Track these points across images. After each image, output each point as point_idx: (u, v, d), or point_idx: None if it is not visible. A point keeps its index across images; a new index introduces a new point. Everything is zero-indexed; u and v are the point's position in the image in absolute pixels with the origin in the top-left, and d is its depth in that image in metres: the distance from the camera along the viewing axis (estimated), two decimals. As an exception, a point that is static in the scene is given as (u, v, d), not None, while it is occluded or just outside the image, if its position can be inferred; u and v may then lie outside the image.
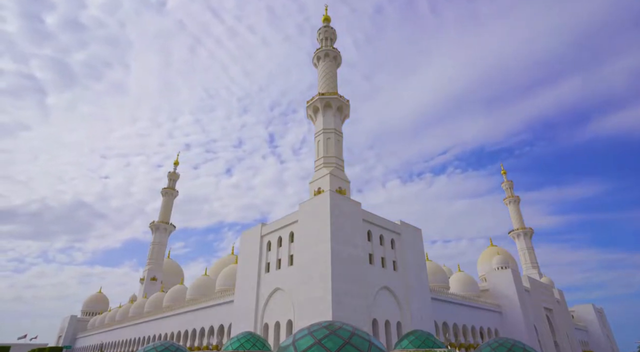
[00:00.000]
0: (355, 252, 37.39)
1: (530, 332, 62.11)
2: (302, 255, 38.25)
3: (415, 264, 46.04)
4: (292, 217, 42.02)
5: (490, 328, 61.14)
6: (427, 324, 43.24)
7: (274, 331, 39.08)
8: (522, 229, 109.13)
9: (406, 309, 41.25)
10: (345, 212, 38.24)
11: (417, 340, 24.31)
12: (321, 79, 57.65)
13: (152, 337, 66.26)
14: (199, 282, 64.26)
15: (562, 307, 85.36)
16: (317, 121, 53.12)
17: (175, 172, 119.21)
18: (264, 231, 45.98)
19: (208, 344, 52.00)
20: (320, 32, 62.49)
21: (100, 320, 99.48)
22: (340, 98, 53.71)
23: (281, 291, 40.00)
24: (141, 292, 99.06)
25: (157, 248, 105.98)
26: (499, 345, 14.87)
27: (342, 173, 49.26)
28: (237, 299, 46.41)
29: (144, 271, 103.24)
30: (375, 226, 42.58)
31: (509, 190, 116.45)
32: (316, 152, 51.41)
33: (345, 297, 33.94)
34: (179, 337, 58.06)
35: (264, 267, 44.01)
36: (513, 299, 64.38)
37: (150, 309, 73.43)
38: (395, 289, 41.11)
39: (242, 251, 49.42)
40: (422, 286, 45.71)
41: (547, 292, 79.69)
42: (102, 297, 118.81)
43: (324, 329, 8.61)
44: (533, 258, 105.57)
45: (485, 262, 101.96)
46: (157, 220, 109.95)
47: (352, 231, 38.09)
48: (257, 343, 25.47)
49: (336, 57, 60.25)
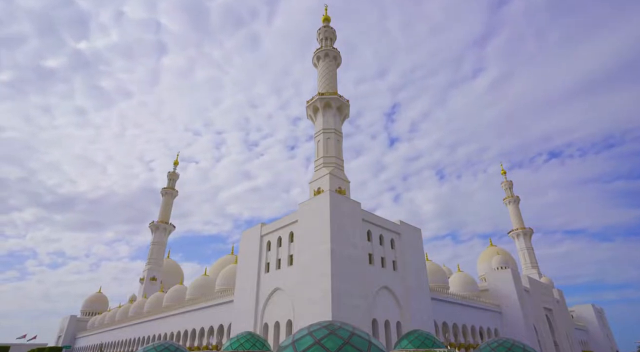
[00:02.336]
0: (355, 252, 37.41)
1: (530, 332, 62.15)
2: (302, 255, 38.26)
3: (415, 264, 46.06)
4: (292, 217, 42.03)
5: (490, 328, 61.16)
6: (426, 324, 43.26)
7: (274, 331, 39.09)
8: (522, 229, 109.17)
9: (406, 309, 41.26)
10: (345, 212, 38.25)
11: (416, 340, 24.29)
12: (321, 79, 57.64)
13: (152, 337, 66.26)
14: (199, 282, 64.29)
15: (561, 307, 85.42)
16: (317, 121, 53.13)
17: (175, 172, 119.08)
18: (263, 230, 45.99)
19: (208, 344, 52.01)
20: (320, 32, 62.49)
21: (100, 320, 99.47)
22: (340, 98, 53.73)
23: (281, 290, 40.01)
24: (141, 292, 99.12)
25: (157, 248, 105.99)
26: (499, 345, 14.87)
27: (342, 173, 49.27)
28: (236, 299, 46.42)
29: (143, 270, 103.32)
30: (375, 225, 42.60)
31: (508, 190, 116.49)
32: (316, 152, 51.43)
33: (345, 297, 33.95)
34: (179, 337, 58.05)
35: (263, 267, 44.02)
36: (513, 299, 64.40)
37: (150, 309, 73.44)
38: (395, 289, 41.12)
39: (242, 250, 49.43)
40: (422, 286, 45.73)
41: (546, 292, 79.73)
42: (101, 297, 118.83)
43: (324, 329, 8.61)
44: (533, 258, 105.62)
45: (485, 262, 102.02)
46: (157, 220, 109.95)
47: (351, 231, 38.10)
48: (256, 343, 25.46)
49: (336, 57, 60.26)
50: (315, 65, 60.84)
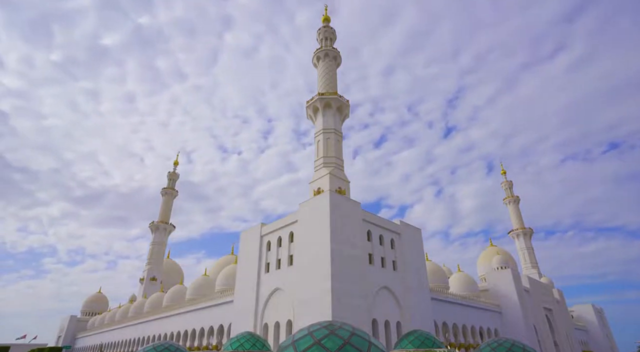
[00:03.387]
0: (355, 252, 37.41)
1: (530, 332, 62.15)
2: (302, 255, 38.27)
3: (415, 264, 46.07)
4: (292, 217, 42.04)
5: (490, 328, 61.16)
6: (426, 324, 43.27)
7: (274, 331, 39.08)
8: (522, 229, 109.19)
9: (406, 309, 41.26)
10: (345, 212, 38.26)
11: (416, 340, 24.29)
12: (321, 79, 57.63)
13: (152, 338, 66.26)
14: (199, 282, 64.28)
15: (561, 307, 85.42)
16: (317, 121, 53.14)
17: (175, 172, 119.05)
18: (263, 230, 46.00)
19: (208, 344, 52.00)
20: (320, 32, 62.48)
21: (100, 320, 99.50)
22: (340, 98, 53.74)
23: (281, 291, 40.01)
24: (141, 292, 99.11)
25: (157, 248, 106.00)
26: (499, 345, 14.88)
27: (342, 173, 49.28)
28: (236, 299, 46.42)
29: (143, 271, 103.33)
30: (375, 225, 42.61)
31: (508, 190, 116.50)
32: (316, 152, 51.43)
33: (345, 297, 33.95)
34: (179, 337, 58.05)
35: (263, 267, 44.02)
36: (513, 299, 64.42)
37: (150, 309, 73.43)
38: (395, 289, 41.13)
39: (241, 251, 49.43)
40: (422, 286, 45.74)
41: (546, 292, 79.73)
42: (101, 297, 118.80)
43: (324, 329, 8.62)
44: (533, 258, 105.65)
45: (485, 262, 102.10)
46: (157, 220, 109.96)
47: (351, 231, 38.10)
48: (256, 343, 25.45)
49: (336, 57, 60.26)
50: (315, 66, 60.83)
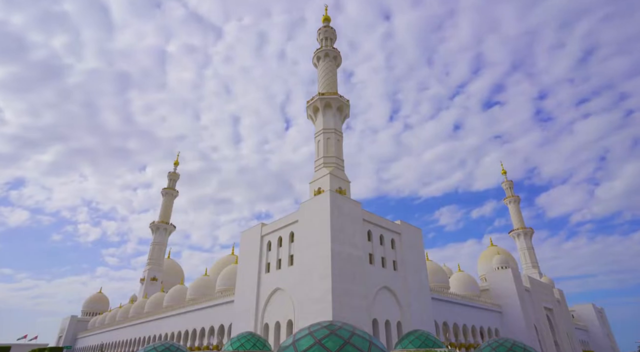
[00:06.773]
0: (356, 252, 37.41)
1: (531, 332, 62.12)
2: (302, 255, 38.26)
3: (415, 264, 46.06)
4: (292, 217, 42.03)
5: (491, 328, 61.14)
6: (427, 324, 43.26)
7: (274, 331, 39.09)
8: (522, 229, 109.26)
9: (406, 309, 41.26)
10: (345, 212, 38.26)
11: (417, 340, 24.30)
12: (321, 79, 57.65)
13: (153, 338, 66.28)
14: (199, 282, 64.26)
15: (562, 307, 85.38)
16: (317, 121, 53.14)
17: (175, 172, 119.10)
18: (264, 230, 46.00)
19: (208, 344, 52.02)
20: (320, 32, 62.49)
21: (101, 320, 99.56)
22: (340, 98, 53.75)
23: (281, 291, 40.01)
24: (141, 292, 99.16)
25: (157, 248, 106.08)
26: (499, 345, 14.87)
27: (342, 173, 49.27)
28: (237, 299, 46.42)
29: (144, 271, 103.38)
30: (376, 225, 42.59)
31: (509, 190, 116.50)
32: (316, 152, 51.43)
33: (345, 297, 33.95)
34: (179, 337, 58.07)
35: (264, 267, 44.02)
36: (513, 298, 64.39)
37: (151, 309, 73.43)
38: (395, 289, 41.12)
39: (242, 251, 49.44)
40: (422, 286, 45.72)
41: (547, 292, 79.71)
42: (102, 298, 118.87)
43: (324, 329, 8.61)
44: (533, 258, 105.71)
45: (486, 262, 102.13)
46: (157, 220, 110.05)
47: (352, 231, 38.10)
48: (257, 343, 25.47)
49: (336, 57, 60.26)
50: (315, 66, 60.85)
